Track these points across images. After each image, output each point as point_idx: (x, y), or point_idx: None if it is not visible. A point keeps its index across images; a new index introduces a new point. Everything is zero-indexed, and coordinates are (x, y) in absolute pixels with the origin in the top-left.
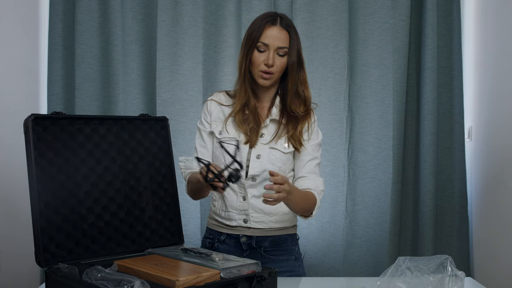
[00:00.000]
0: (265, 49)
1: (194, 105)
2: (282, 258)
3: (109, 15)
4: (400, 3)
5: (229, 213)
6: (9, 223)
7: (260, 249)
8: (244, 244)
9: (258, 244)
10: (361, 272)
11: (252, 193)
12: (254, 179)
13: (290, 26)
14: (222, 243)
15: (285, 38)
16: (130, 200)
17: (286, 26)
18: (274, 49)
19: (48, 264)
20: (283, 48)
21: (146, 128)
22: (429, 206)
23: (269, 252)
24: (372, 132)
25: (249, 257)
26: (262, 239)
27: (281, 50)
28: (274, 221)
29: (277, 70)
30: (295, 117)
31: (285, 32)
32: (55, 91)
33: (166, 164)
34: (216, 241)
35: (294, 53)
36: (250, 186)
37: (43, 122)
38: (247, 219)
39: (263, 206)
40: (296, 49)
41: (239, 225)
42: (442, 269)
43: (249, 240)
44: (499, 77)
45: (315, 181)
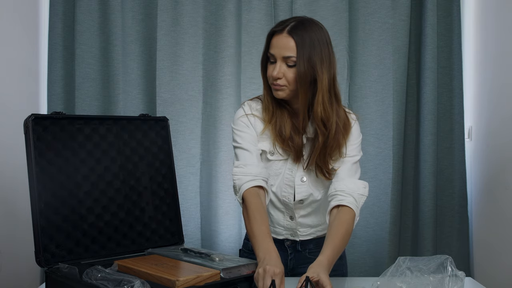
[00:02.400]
0: (274, 59)
1: (194, 105)
2: None
3: (109, 15)
4: (400, 3)
5: (276, 229)
6: (9, 223)
7: (305, 251)
8: (289, 248)
9: (303, 247)
10: (361, 272)
11: (299, 213)
12: (302, 201)
13: (302, 32)
14: None
15: (291, 46)
16: (130, 200)
17: (295, 33)
18: (281, 59)
19: (48, 264)
20: (290, 58)
21: (146, 128)
22: (429, 206)
23: (314, 253)
24: (372, 132)
25: (294, 259)
26: (307, 242)
27: (289, 60)
28: (320, 230)
29: (288, 82)
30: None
31: (291, 39)
32: (55, 91)
33: (166, 164)
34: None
35: (303, 63)
36: (298, 207)
37: (43, 122)
38: (294, 234)
39: (311, 221)
40: (306, 59)
41: (286, 238)
42: (442, 269)
43: (294, 244)
44: (499, 77)
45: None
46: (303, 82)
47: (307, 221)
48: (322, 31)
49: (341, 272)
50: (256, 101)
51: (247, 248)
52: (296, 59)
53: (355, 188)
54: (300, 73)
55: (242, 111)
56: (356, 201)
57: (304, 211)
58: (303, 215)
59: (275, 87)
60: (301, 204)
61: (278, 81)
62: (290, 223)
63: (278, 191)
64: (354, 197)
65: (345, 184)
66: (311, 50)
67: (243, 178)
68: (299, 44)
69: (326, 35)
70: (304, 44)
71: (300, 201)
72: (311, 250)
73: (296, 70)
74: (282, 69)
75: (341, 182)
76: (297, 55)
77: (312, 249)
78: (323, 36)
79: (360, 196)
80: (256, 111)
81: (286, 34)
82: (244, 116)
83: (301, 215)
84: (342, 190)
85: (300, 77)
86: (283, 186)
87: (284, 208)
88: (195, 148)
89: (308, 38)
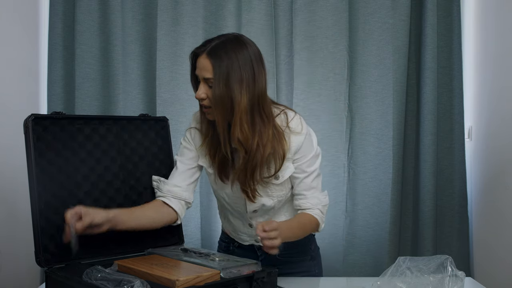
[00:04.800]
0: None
1: (194, 105)
2: (297, 259)
3: (109, 15)
4: (400, 3)
5: (240, 236)
6: (9, 223)
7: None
8: (258, 250)
9: None
10: (361, 272)
11: (257, 220)
12: (256, 211)
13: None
14: (237, 247)
15: (209, 68)
16: (130, 200)
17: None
18: (202, 80)
19: (48, 264)
20: (209, 79)
21: (146, 128)
22: (429, 206)
23: (284, 255)
24: (372, 132)
25: (264, 260)
26: None
27: (208, 81)
28: None
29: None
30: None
31: (208, 61)
32: (55, 91)
33: (166, 164)
34: (232, 246)
35: (218, 85)
36: (253, 216)
37: (43, 122)
38: (258, 240)
39: None
40: (222, 81)
41: (251, 244)
42: (442, 269)
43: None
44: (499, 77)
45: (314, 198)
46: (219, 104)
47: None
48: (246, 50)
49: (314, 272)
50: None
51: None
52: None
53: (318, 202)
54: (215, 95)
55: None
56: (321, 212)
57: (261, 218)
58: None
59: (203, 109)
60: (255, 213)
61: (203, 101)
62: (250, 230)
63: (231, 203)
64: (319, 209)
65: (309, 201)
66: (228, 72)
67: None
68: (216, 66)
69: (252, 54)
70: (221, 66)
71: (254, 211)
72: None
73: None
74: (205, 90)
75: (304, 200)
76: (213, 77)
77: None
78: (247, 55)
79: (323, 207)
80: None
81: (205, 55)
82: (188, 130)
83: (259, 222)
84: (307, 208)
85: (215, 99)
86: (234, 198)
87: (241, 217)
88: None
89: (226, 60)
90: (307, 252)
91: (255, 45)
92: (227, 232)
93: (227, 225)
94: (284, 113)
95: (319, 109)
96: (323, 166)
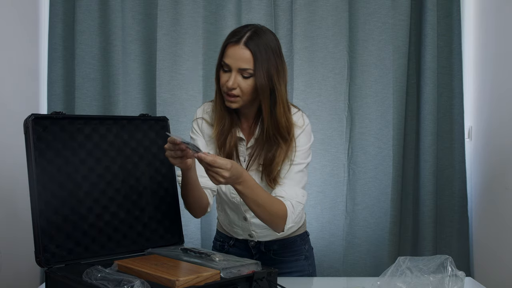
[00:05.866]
0: (228, 69)
1: (194, 105)
2: (292, 259)
3: (109, 15)
4: (400, 3)
5: (234, 229)
6: (9, 223)
7: (269, 253)
8: (253, 249)
9: (267, 248)
10: (361, 272)
11: (251, 214)
12: None
13: (258, 44)
14: (232, 246)
15: (248, 58)
16: (130, 200)
17: (251, 44)
18: (236, 70)
19: (48, 264)
20: (247, 70)
21: (146, 128)
22: (429, 206)
23: (278, 254)
24: (372, 132)
25: (258, 259)
26: (270, 243)
27: (245, 72)
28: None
29: (243, 93)
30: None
31: (248, 51)
32: (55, 91)
33: (166, 164)
34: (227, 245)
35: (262, 75)
36: (247, 209)
37: (43, 122)
38: (252, 235)
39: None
40: (264, 71)
41: (245, 238)
42: (442, 269)
43: (257, 245)
44: (499, 77)
45: (290, 189)
46: (264, 94)
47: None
48: (275, 40)
49: (308, 272)
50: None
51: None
52: (253, 71)
53: (293, 195)
54: (261, 85)
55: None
56: (293, 207)
57: None
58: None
59: (228, 98)
60: None
61: (232, 91)
62: (244, 224)
63: (227, 192)
64: (291, 203)
65: (285, 190)
66: (268, 62)
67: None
68: (257, 56)
69: (278, 44)
70: (261, 57)
71: None
72: (276, 251)
73: (253, 82)
74: (237, 80)
75: (281, 188)
76: (254, 68)
77: (277, 251)
78: (276, 45)
79: (297, 204)
80: (207, 114)
81: (243, 45)
82: (195, 120)
83: (254, 216)
84: (281, 196)
85: (262, 89)
86: (231, 188)
87: (236, 208)
88: None
89: (264, 50)
90: (301, 252)
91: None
92: (223, 226)
93: (224, 217)
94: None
95: (319, 109)
96: (323, 166)
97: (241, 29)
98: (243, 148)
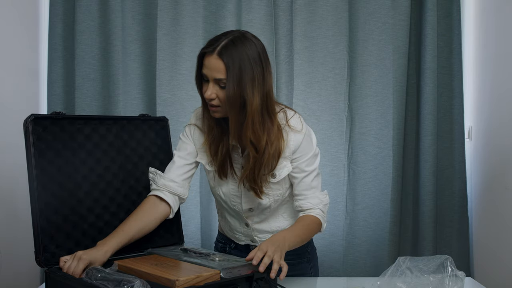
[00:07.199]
0: (207, 79)
1: (194, 105)
2: (294, 261)
3: (109, 15)
4: (400, 3)
5: (236, 235)
6: (9, 223)
7: None
8: None
9: None
10: (361, 272)
11: (253, 220)
12: (252, 209)
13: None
14: (233, 248)
15: (222, 68)
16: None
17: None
18: (213, 80)
19: (48, 264)
20: (221, 80)
21: (146, 128)
22: (429, 206)
23: None
24: (372, 132)
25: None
26: None
27: (220, 82)
28: None
29: (221, 103)
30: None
31: (221, 62)
32: (55, 91)
33: (165, 164)
34: (228, 247)
35: (233, 86)
36: (249, 215)
37: (43, 122)
38: (254, 240)
39: (268, 227)
40: (236, 82)
41: (247, 243)
42: (442, 269)
43: None
44: (499, 77)
45: (313, 199)
46: (233, 105)
47: (263, 227)
48: (255, 47)
49: (309, 274)
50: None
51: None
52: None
53: (318, 201)
54: (229, 96)
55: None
56: (323, 212)
57: (257, 218)
58: (257, 222)
59: (211, 108)
60: (252, 212)
61: (212, 101)
62: (247, 230)
63: (227, 200)
64: (320, 209)
65: (309, 201)
66: (241, 72)
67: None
68: (229, 66)
69: (260, 50)
70: (234, 67)
71: (249, 209)
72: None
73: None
74: (215, 90)
75: (304, 201)
76: (226, 78)
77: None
78: (255, 53)
79: (324, 207)
80: (199, 121)
81: (216, 55)
82: (188, 126)
83: (256, 222)
84: (308, 209)
85: (229, 100)
86: (231, 196)
87: (237, 215)
88: None
89: (238, 59)
90: (303, 254)
91: (260, 41)
92: (224, 231)
93: (224, 223)
94: (283, 111)
95: (319, 109)
96: (323, 166)
97: (218, 37)
98: (237, 156)
